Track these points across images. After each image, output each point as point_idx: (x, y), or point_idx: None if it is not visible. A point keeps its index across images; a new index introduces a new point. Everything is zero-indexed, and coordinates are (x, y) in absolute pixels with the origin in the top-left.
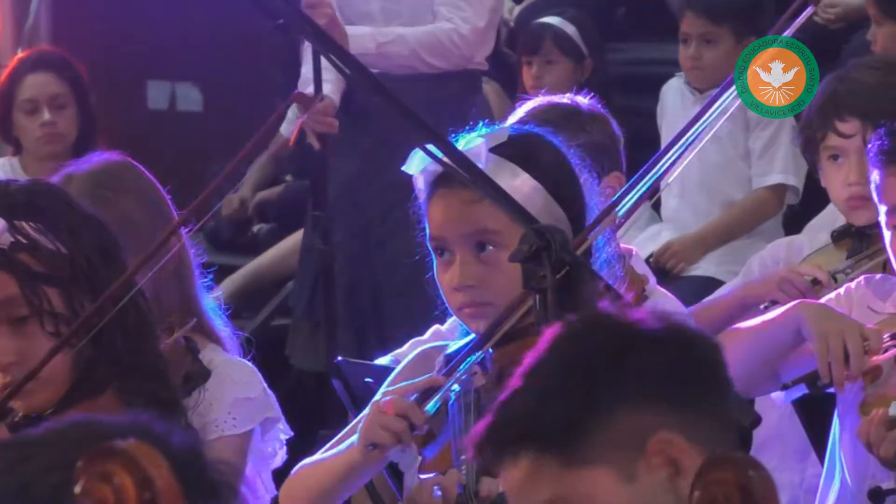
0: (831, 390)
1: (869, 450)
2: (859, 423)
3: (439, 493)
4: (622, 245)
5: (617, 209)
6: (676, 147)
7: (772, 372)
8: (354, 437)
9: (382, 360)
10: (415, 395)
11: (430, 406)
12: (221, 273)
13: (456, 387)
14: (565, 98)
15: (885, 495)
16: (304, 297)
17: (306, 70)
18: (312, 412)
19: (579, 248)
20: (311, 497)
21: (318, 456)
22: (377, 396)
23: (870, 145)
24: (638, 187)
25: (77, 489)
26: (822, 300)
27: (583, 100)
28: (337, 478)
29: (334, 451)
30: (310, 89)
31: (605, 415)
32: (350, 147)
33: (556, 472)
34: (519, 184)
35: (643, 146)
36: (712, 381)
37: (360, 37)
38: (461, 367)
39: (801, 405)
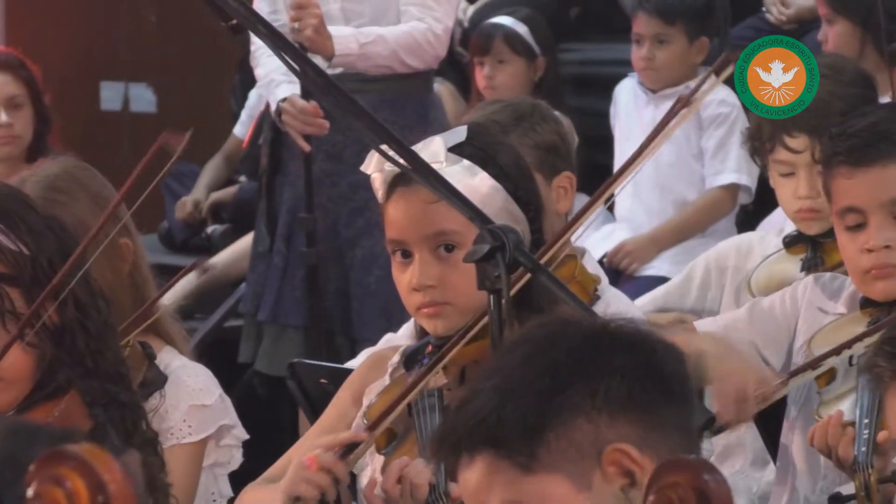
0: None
1: (826, 454)
2: (812, 427)
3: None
4: (576, 245)
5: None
6: (638, 159)
7: None
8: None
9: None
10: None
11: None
12: (173, 273)
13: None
14: (518, 98)
15: (845, 500)
16: (257, 300)
17: (264, 72)
18: (267, 413)
19: (544, 257)
20: None
21: (258, 487)
22: (331, 402)
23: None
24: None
25: (29, 492)
26: (768, 302)
27: (535, 100)
28: None
29: (268, 493)
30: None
31: (563, 422)
32: (313, 149)
33: (512, 476)
34: (477, 183)
35: (596, 146)
36: (674, 390)
37: (343, 37)
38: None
39: (758, 414)
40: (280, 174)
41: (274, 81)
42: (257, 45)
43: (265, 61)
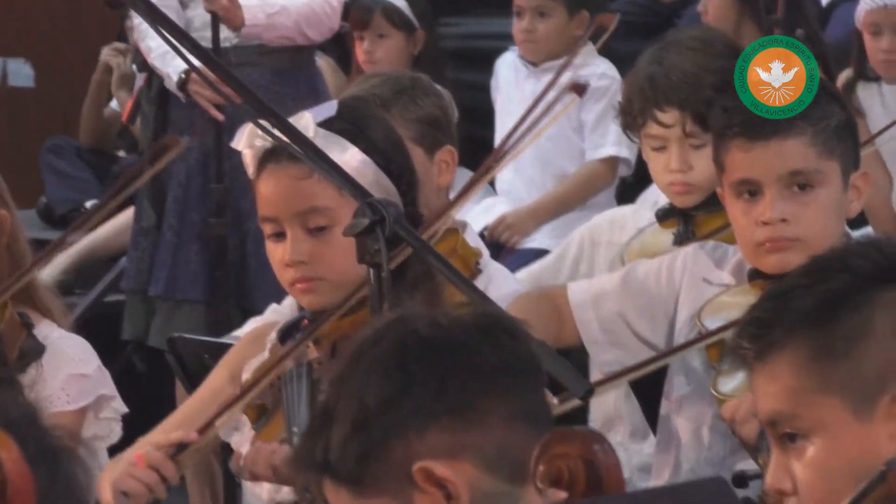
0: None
1: (732, 429)
2: (727, 404)
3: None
4: (456, 218)
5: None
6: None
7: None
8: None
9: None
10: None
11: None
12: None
13: (290, 363)
14: (398, 72)
15: (749, 479)
16: (143, 276)
17: (156, 44)
18: (147, 389)
19: (428, 231)
20: None
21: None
22: (207, 378)
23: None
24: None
25: None
26: (643, 271)
27: (416, 74)
28: None
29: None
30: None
31: (378, 444)
32: (206, 123)
33: (349, 500)
34: (348, 158)
35: (477, 120)
36: (498, 381)
37: (251, 7)
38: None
39: (636, 387)
40: None
41: (171, 53)
42: (141, 19)
43: (152, 34)
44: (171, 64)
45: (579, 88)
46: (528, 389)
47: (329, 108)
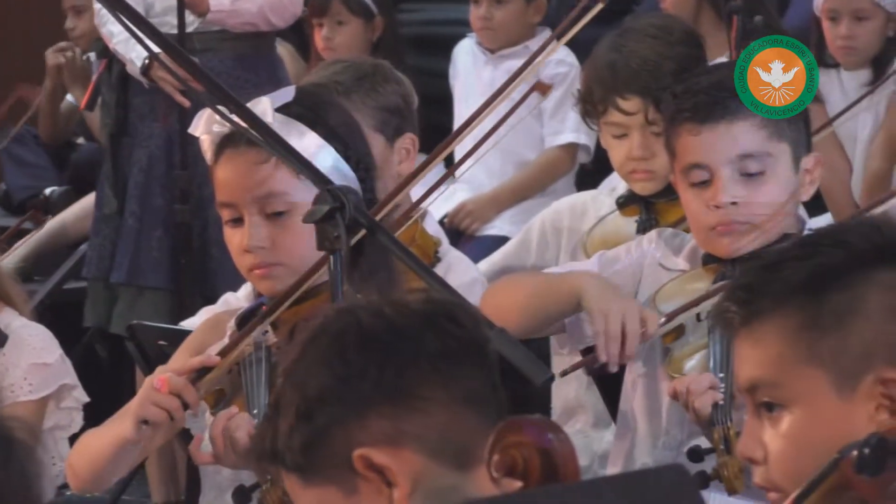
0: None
1: (685, 404)
2: (674, 382)
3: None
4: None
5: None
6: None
7: (548, 322)
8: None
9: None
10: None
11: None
12: (15, 236)
13: (250, 347)
14: (360, 58)
15: (704, 454)
16: (105, 263)
17: (118, 29)
18: (108, 376)
19: (380, 213)
20: (93, 469)
21: (102, 427)
22: (169, 362)
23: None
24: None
25: None
26: (612, 254)
27: (377, 60)
28: (112, 451)
29: (107, 428)
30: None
31: (320, 433)
32: (166, 109)
33: (299, 487)
34: (306, 143)
35: (436, 107)
36: (441, 368)
37: None
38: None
39: (599, 376)
40: (127, 135)
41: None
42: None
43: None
44: (134, 49)
45: (543, 88)
46: (471, 375)
47: (287, 94)
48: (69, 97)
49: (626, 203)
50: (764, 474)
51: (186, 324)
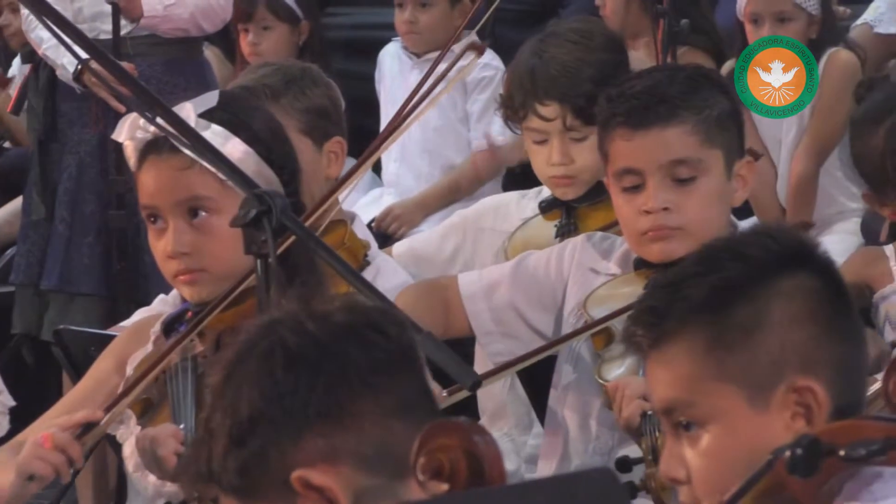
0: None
1: (611, 408)
2: (614, 380)
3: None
4: (344, 209)
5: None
6: (402, 119)
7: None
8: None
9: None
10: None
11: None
12: None
13: (175, 356)
14: (288, 62)
15: (633, 464)
16: (33, 269)
17: (48, 35)
18: (35, 381)
19: (309, 220)
20: None
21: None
22: (91, 367)
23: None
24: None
25: None
26: (534, 260)
27: (306, 64)
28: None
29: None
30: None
31: (256, 457)
32: (96, 114)
33: None
34: (230, 148)
35: (362, 111)
36: (370, 382)
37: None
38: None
39: (524, 377)
40: (55, 141)
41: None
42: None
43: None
44: (65, 55)
45: (479, 48)
46: (401, 384)
47: (210, 99)
48: None
49: (548, 207)
50: (689, 493)
51: (121, 326)
